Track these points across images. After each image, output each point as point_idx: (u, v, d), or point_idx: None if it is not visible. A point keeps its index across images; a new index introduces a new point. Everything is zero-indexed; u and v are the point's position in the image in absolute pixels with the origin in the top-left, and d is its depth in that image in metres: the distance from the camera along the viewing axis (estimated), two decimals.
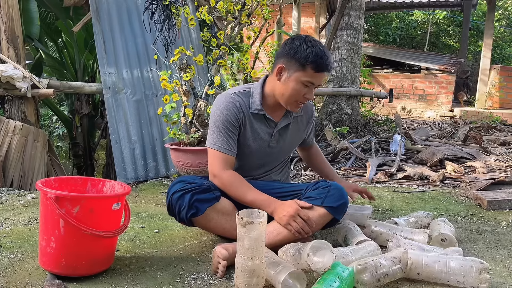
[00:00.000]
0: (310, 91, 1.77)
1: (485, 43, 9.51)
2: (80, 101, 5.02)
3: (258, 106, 1.86)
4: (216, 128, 1.84)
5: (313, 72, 1.72)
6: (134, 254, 1.87)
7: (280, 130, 1.95)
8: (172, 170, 3.75)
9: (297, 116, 2.00)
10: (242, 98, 1.87)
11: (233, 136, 1.84)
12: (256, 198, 1.75)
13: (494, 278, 1.60)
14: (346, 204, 1.79)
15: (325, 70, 1.75)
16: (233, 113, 1.83)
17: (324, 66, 1.73)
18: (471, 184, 2.99)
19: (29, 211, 2.53)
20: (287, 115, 1.95)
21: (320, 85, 1.80)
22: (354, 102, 5.53)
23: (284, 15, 8.49)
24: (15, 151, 3.30)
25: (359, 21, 5.62)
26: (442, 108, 9.55)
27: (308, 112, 2.07)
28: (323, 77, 1.78)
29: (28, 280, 1.59)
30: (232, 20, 3.18)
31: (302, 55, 1.72)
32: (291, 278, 1.46)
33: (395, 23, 15.31)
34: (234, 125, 1.84)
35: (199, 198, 1.72)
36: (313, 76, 1.74)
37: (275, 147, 1.97)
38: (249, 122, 1.88)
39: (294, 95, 1.77)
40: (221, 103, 1.85)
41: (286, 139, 1.99)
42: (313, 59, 1.71)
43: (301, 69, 1.74)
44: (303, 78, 1.74)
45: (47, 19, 4.90)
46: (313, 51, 1.71)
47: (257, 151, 1.94)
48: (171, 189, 1.77)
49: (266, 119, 1.90)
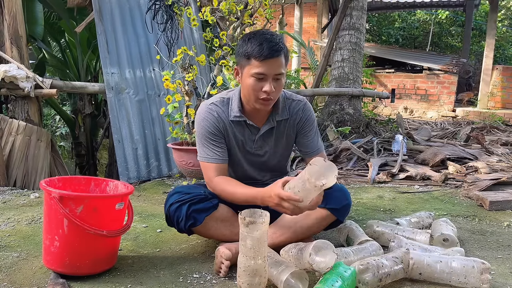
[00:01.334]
0: (267, 83, 1.65)
1: (488, 43, 9.48)
2: (83, 101, 5.04)
3: (237, 113, 1.79)
4: (200, 140, 1.82)
5: (258, 62, 1.63)
6: (137, 254, 1.88)
7: (263, 135, 1.85)
8: (175, 170, 3.76)
9: (281, 120, 1.86)
10: (220, 107, 1.82)
11: (218, 143, 1.80)
12: (244, 194, 1.67)
13: (495, 279, 1.60)
14: (349, 206, 1.79)
15: (269, 56, 1.62)
16: (212, 123, 1.79)
17: (265, 52, 1.61)
18: (473, 185, 2.99)
19: (33, 210, 2.54)
20: (269, 120, 1.84)
21: (279, 74, 1.66)
22: (356, 102, 5.53)
23: (286, 15, 8.50)
24: (18, 150, 3.32)
25: (361, 21, 5.61)
26: (444, 108, 9.53)
27: (297, 114, 1.89)
28: (275, 65, 1.64)
29: (32, 279, 1.60)
30: (235, 20, 3.19)
31: (244, 49, 1.67)
32: (293, 278, 1.47)
33: (397, 23, 15.29)
34: (215, 134, 1.80)
35: (196, 209, 1.72)
36: (260, 66, 1.63)
37: (261, 154, 1.90)
38: (230, 130, 1.82)
39: (252, 91, 1.68)
40: (200, 115, 1.82)
41: (271, 144, 1.89)
42: (253, 49, 1.63)
43: (248, 63, 1.66)
44: (252, 71, 1.65)
45: (50, 19, 4.92)
46: (253, 41, 1.65)
47: (245, 159, 1.90)
48: (168, 201, 1.76)
49: (248, 125, 1.83)
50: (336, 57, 5.69)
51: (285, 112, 1.86)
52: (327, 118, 5.37)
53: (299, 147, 1.98)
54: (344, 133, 4.89)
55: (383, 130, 5.41)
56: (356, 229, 1.90)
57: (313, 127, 1.92)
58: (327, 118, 5.37)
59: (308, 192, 1.45)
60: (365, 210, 2.59)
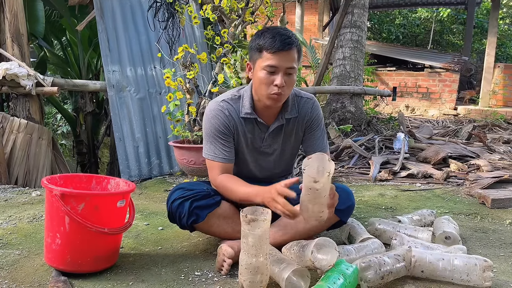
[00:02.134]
0: (278, 76, 1.65)
1: (489, 41, 9.46)
2: (84, 99, 5.04)
3: (248, 110, 1.78)
4: (207, 138, 1.81)
5: (270, 54, 1.63)
6: (139, 251, 1.88)
7: (272, 133, 1.84)
8: (176, 168, 3.76)
9: (291, 118, 1.84)
10: (231, 104, 1.81)
11: (226, 142, 1.79)
12: (246, 193, 1.67)
13: (498, 276, 1.60)
14: (353, 206, 1.78)
15: (281, 48, 1.62)
16: (222, 121, 1.78)
17: (277, 44, 1.62)
18: (475, 183, 2.98)
19: (34, 208, 2.54)
20: (279, 118, 1.82)
21: (291, 67, 1.66)
22: (357, 100, 5.53)
23: (287, 13, 8.49)
24: (19, 148, 3.32)
25: (362, 19, 5.61)
26: (445, 107, 9.51)
27: (306, 112, 1.87)
28: (287, 58, 1.64)
29: (33, 276, 1.60)
30: (236, 18, 3.18)
31: (256, 43, 1.68)
32: (295, 276, 1.46)
33: (398, 21, 15.26)
34: (224, 133, 1.79)
35: (199, 205, 1.71)
36: (272, 59, 1.63)
37: (269, 152, 1.89)
38: (240, 127, 1.81)
39: (263, 85, 1.68)
40: (210, 112, 1.80)
41: (279, 142, 1.88)
42: (265, 41, 1.65)
43: (260, 56, 1.67)
44: (263, 64, 1.65)
45: (51, 17, 4.92)
46: (266, 35, 1.66)
47: (252, 158, 1.89)
48: (171, 197, 1.76)
49: (258, 123, 1.82)
50: (338, 55, 5.68)
51: (294, 110, 1.85)
52: (328, 116, 5.37)
53: (304, 147, 1.95)
54: (345, 131, 4.89)
55: (385, 128, 5.41)
56: (358, 227, 1.89)
57: (320, 126, 1.91)
58: (328, 116, 5.37)
59: (314, 194, 1.39)
60: (366, 208, 2.59)
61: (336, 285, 1.33)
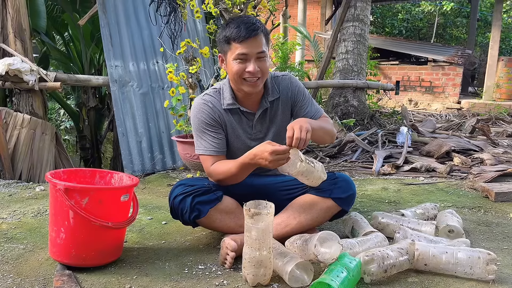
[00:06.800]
0: (251, 63, 1.69)
1: (493, 34, 9.41)
2: (87, 94, 5.04)
3: (230, 100, 1.82)
4: (197, 133, 1.84)
5: (237, 43, 1.67)
6: (143, 245, 1.89)
7: (259, 119, 1.87)
8: (179, 163, 3.77)
9: (274, 99, 1.87)
10: (214, 97, 1.85)
11: (215, 134, 1.82)
12: (239, 162, 1.68)
13: (501, 269, 1.60)
14: (354, 195, 1.79)
15: (248, 36, 1.66)
16: (208, 114, 1.81)
17: (243, 33, 1.66)
18: (479, 176, 2.97)
19: (38, 203, 2.56)
20: (262, 102, 1.86)
21: (261, 52, 1.69)
22: (360, 94, 5.51)
23: (289, 7, 8.45)
24: (23, 144, 3.33)
25: (365, 13, 5.58)
26: (449, 100, 9.48)
27: (286, 89, 1.90)
28: (255, 44, 1.68)
29: (38, 270, 1.61)
30: (238, 12, 3.17)
31: (223, 35, 1.73)
32: (298, 269, 1.47)
33: (401, 15, 15.18)
34: (212, 125, 1.81)
35: (200, 200, 1.72)
36: (241, 47, 1.67)
37: (262, 137, 1.89)
38: (227, 119, 1.84)
39: (237, 74, 1.71)
40: (195, 108, 1.84)
41: (269, 126, 1.90)
42: (231, 32, 1.68)
43: (229, 48, 1.71)
44: (233, 54, 1.69)
45: (53, 13, 4.91)
46: (230, 26, 1.70)
47: (245, 146, 1.87)
48: (172, 193, 1.77)
49: (242, 112, 1.85)
50: (340, 49, 5.66)
51: (275, 91, 1.89)
52: (331, 110, 5.36)
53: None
54: (348, 125, 4.88)
55: (388, 122, 5.39)
56: (361, 221, 1.89)
57: (305, 95, 1.94)
58: (331, 110, 5.36)
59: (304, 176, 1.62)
60: (370, 202, 2.59)
61: (340, 278, 1.34)
